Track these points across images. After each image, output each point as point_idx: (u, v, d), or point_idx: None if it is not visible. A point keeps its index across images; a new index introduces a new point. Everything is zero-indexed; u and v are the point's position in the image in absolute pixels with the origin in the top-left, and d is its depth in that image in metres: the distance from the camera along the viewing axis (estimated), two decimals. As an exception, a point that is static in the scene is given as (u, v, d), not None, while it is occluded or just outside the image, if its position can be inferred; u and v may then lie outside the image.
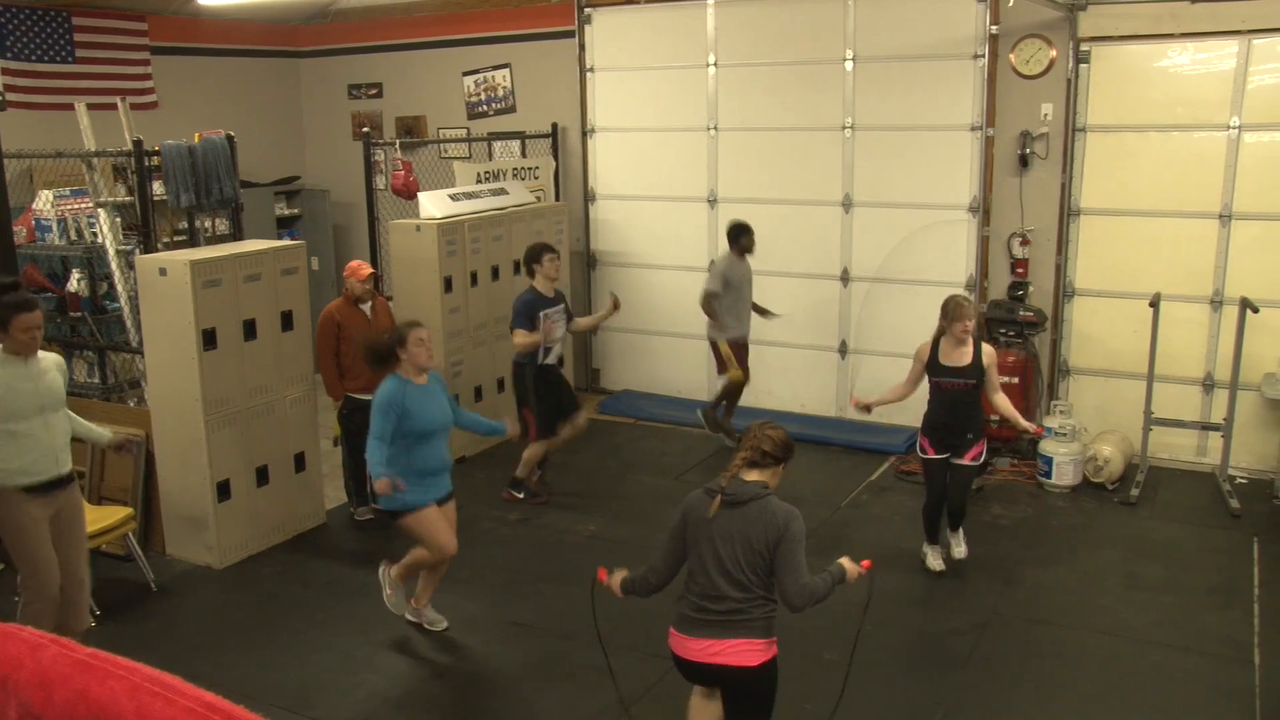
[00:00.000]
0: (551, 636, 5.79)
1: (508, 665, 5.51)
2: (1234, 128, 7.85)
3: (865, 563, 4.03)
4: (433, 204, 8.59)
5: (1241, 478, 7.97)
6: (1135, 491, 7.66)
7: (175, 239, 8.40)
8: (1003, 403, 6.33)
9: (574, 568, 6.65)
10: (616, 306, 7.85)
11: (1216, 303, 8.09)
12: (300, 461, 7.20)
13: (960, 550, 6.55)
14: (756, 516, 3.76)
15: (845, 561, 3.99)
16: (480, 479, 8.13)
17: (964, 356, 6.20)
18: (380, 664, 5.54)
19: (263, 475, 6.92)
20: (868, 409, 6.49)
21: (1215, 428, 7.98)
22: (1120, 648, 5.62)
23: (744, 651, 3.79)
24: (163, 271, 6.45)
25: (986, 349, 6.27)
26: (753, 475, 3.87)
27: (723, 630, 3.80)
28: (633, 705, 5.04)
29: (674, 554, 3.99)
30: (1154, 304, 7.81)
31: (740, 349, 8.52)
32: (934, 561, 6.56)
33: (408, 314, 7.97)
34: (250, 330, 6.74)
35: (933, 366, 6.28)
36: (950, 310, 6.18)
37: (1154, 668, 5.41)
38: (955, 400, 6.25)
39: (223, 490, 6.66)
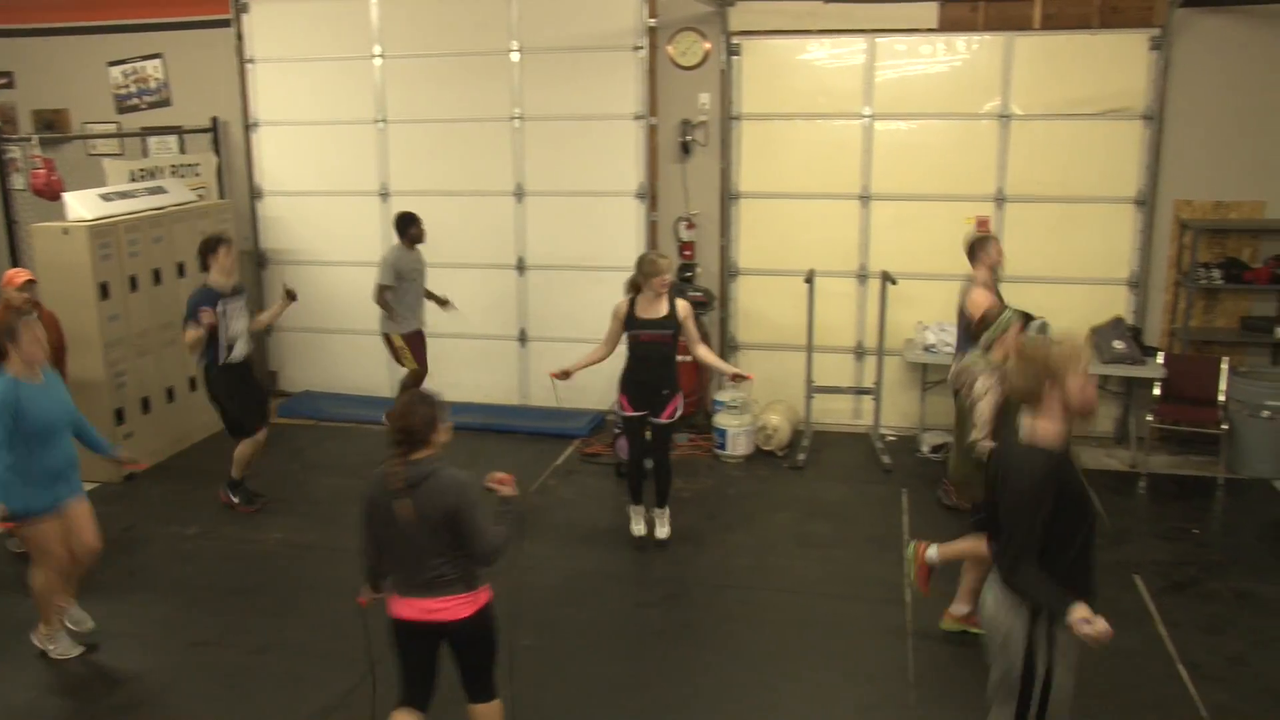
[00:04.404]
0: (242, 652, 5.56)
1: (196, 687, 5.25)
2: (867, 116, 8.59)
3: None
4: (81, 205, 7.98)
5: (891, 435, 8.76)
6: (802, 456, 8.26)
7: None
8: (705, 353, 6.65)
9: (262, 578, 6.42)
10: (292, 298, 7.57)
11: (862, 277, 8.84)
12: (-58, 493, 6.51)
13: (664, 531, 6.81)
14: (430, 493, 3.89)
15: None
16: (154, 495, 7.67)
17: (661, 309, 6.47)
18: (48, 707, 5.13)
19: (-104, 512, 6.21)
20: (566, 375, 6.60)
21: (867, 391, 8.75)
22: (797, 602, 6.07)
23: (455, 606, 4.00)
24: None
25: (681, 303, 6.54)
26: (419, 454, 3.92)
27: (432, 591, 3.98)
28: (332, 712, 4.95)
29: (374, 542, 4.09)
30: (809, 280, 8.43)
31: (417, 340, 8.45)
32: (636, 525, 6.84)
33: (63, 325, 7.41)
34: None
35: (630, 321, 6.50)
36: (646, 266, 6.43)
37: (827, 617, 5.89)
38: (653, 354, 6.50)
39: None
